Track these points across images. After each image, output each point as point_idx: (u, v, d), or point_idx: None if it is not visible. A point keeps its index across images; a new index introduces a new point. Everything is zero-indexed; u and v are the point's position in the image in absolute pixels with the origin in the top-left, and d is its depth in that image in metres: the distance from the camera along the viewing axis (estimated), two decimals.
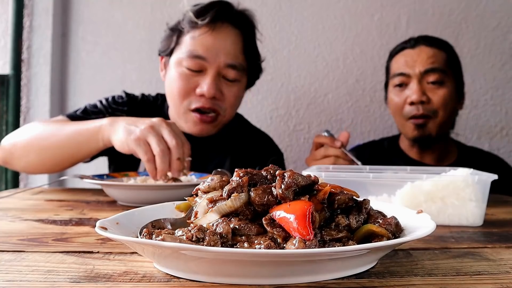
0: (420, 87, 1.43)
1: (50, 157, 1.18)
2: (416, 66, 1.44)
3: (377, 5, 2.00)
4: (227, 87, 1.29)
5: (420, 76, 1.44)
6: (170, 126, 1.04)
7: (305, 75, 2.01)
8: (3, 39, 1.90)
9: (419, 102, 1.43)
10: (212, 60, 1.25)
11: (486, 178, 0.80)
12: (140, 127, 1.02)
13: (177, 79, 1.27)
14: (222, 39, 1.27)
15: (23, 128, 1.27)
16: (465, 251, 0.61)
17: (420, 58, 1.45)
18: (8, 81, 1.85)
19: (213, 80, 1.25)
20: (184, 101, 1.27)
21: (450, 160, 1.57)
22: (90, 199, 1.08)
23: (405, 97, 1.47)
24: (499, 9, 2.01)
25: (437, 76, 1.43)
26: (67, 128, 1.16)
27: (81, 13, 1.98)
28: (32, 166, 1.23)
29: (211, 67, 1.25)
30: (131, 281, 0.47)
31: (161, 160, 0.98)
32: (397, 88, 1.50)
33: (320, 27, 2.00)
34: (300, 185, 0.51)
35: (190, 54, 1.25)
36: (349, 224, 0.52)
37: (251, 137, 1.49)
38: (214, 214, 0.52)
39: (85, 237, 0.68)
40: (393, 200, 0.83)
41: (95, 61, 1.98)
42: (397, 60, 1.52)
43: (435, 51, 1.46)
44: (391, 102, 1.53)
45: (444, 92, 1.44)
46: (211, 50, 1.25)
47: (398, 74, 1.48)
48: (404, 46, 1.52)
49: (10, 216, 0.84)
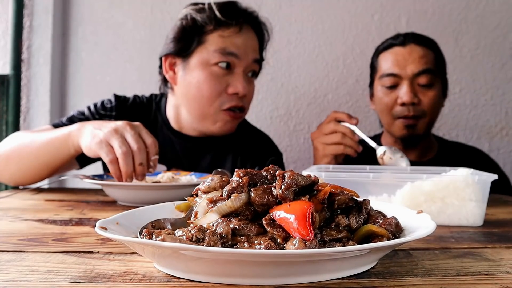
0: (412, 88, 1.42)
1: (28, 167, 1.17)
2: (408, 67, 1.43)
3: (377, 5, 2.00)
4: (250, 84, 1.34)
5: (412, 77, 1.43)
6: (134, 129, 1.02)
7: (305, 75, 2.01)
8: (3, 39, 1.90)
9: (410, 104, 1.42)
10: (243, 57, 1.28)
11: (486, 178, 0.80)
12: (104, 130, 1.00)
13: (206, 80, 1.26)
14: (249, 38, 1.31)
15: (6, 140, 1.25)
16: (465, 251, 0.61)
17: (412, 58, 1.43)
18: (8, 81, 1.85)
19: (244, 77, 1.29)
20: (215, 101, 1.28)
21: (431, 155, 1.58)
22: (90, 199, 1.08)
23: (395, 97, 1.45)
24: (499, 9, 2.01)
25: (428, 78, 1.43)
26: (42, 137, 1.14)
27: (81, 13, 1.98)
28: (14, 178, 1.22)
29: (240, 64, 1.28)
30: (131, 281, 0.47)
31: (124, 162, 0.97)
32: (386, 88, 1.47)
33: (320, 27, 2.00)
34: (300, 185, 0.51)
35: (222, 51, 1.26)
36: (349, 224, 0.52)
37: (250, 137, 1.48)
38: (214, 214, 0.52)
39: (85, 237, 0.68)
40: (393, 200, 0.83)
41: (95, 61, 1.98)
42: (385, 58, 1.49)
43: (426, 51, 1.45)
44: (380, 101, 1.50)
45: (433, 94, 1.45)
46: (242, 47, 1.28)
47: (388, 75, 1.46)
48: (393, 43, 1.49)
49: (10, 216, 0.84)
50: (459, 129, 2.01)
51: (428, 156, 1.57)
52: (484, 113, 2.01)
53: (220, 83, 1.27)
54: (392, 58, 1.47)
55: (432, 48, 1.48)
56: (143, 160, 0.99)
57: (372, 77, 1.57)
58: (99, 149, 1.00)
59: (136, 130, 1.02)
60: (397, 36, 1.50)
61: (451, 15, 2.01)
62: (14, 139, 1.22)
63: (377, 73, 1.52)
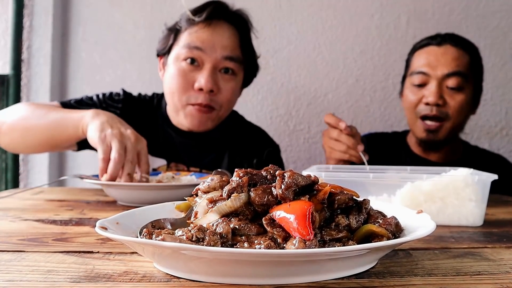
0: (439, 89, 1.40)
1: (33, 138, 1.22)
2: (439, 67, 1.41)
3: (377, 5, 2.00)
4: (224, 82, 1.31)
5: (441, 78, 1.41)
6: (137, 143, 1.05)
7: (305, 75, 2.01)
8: (3, 39, 1.90)
9: (434, 104, 1.40)
10: (209, 51, 1.28)
11: (486, 178, 0.80)
12: (112, 130, 1.04)
13: (175, 75, 1.30)
14: (218, 34, 1.30)
15: (13, 107, 1.31)
16: (465, 251, 0.61)
17: (444, 59, 1.41)
18: (8, 81, 1.85)
19: (210, 73, 1.27)
20: (183, 96, 1.30)
21: (454, 159, 1.55)
22: (90, 199, 1.08)
23: (421, 96, 1.44)
24: (499, 9, 2.01)
25: (457, 81, 1.40)
26: (54, 113, 1.20)
27: (81, 13, 1.98)
28: (14, 144, 1.29)
29: (208, 60, 1.28)
30: (131, 281, 0.47)
31: (113, 166, 1.00)
32: (414, 86, 1.46)
33: (320, 27, 2.00)
34: (300, 185, 0.51)
35: (187, 45, 1.28)
36: (349, 224, 0.52)
37: (246, 132, 1.51)
38: (214, 214, 0.52)
39: (85, 237, 0.68)
40: (393, 200, 0.83)
41: (95, 61, 1.98)
42: (419, 56, 1.48)
43: (460, 52, 1.42)
44: (406, 98, 1.50)
45: (462, 98, 1.41)
46: (208, 42, 1.28)
47: (418, 73, 1.44)
48: (429, 42, 1.47)
49: (10, 216, 0.84)
50: None
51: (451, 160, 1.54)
52: (484, 113, 2.01)
53: (187, 78, 1.29)
54: (425, 57, 1.45)
55: (469, 51, 1.45)
56: (132, 171, 1.03)
57: (405, 74, 1.56)
58: (99, 143, 1.03)
59: (138, 146, 1.06)
60: (436, 35, 1.48)
61: (451, 15, 2.01)
62: (22, 108, 1.27)
63: (409, 70, 1.52)
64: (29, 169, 1.93)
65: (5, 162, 1.87)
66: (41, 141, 1.22)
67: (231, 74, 1.33)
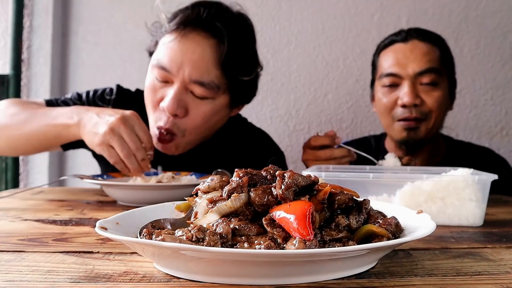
0: (413, 89, 1.31)
1: (21, 146, 1.21)
2: (409, 66, 1.32)
3: (377, 5, 2.00)
4: (195, 105, 1.14)
5: (414, 77, 1.32)
6: (129, 125, 1.02)
7: (305, 75, 2.00)
8: (3, 39, 1.90)
9: (412, 105, 1.32)
10: (175, 73, 1.11)
11: (486, 178, 0.80)
12: (101, 130, 1.02)
13: (147, 88, 1.19)
14: (189, 50, 1.11)
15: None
16: (465, 251, 0.61)
17: (413, 56, 1.32)
18: (8, 81, 1.85)
19: (176, 95, 1.11)
20: (153, 113, 1.18)
21: (438, 158, 1.48)
22: (90, 199, 1.08)
23: (395, 98, 1.35)
24: (499, 9, 2.01)
25: (431, 77, 1.32)
26: (37, 120, 1.13)
27: (81, 13, 1.98)
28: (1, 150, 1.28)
29: (176, 80, 1.12)
30: (131, 281, 0.47)
31: (129, 161, 1.01)
32: (386, 88, 1.37)
33: (320, 27, 2.00)
34: (300, 185, 0.51)
35: (156, 63, 1.15)
36: (349, 224, 0.52)
37: (248, 138, 1.44)
38: (214, 215, 0.52)
39: (85, 237, 0.68)
40: (393, 200, 0.83)
41: (95, 61, 1.98)
42: (386, 56, 1.38)
43: (429, 47, 1.34)
44: (379, 102, 1.40)
45: (439, 94, 1.34)
46: (175, 61, 1.11)
47: (388, 74, 1.35)
48: (394, 39, 1.38)
49: (10, 216, 0.84)
50: (459, 129, 2.01)
51: (436, 160, 1.46)
52: (484, 113, 2.01)
53: (156, 94, 1.15)
54: (392, 56, 1.36)
55: (438, 45, 1.37)
56: (144, 156, 1.03)
57: (373, 77, 1.47)
58: (102, 151, 1.04)
59: (130, 125, 1.03)
60: (400, 32, 1.39)
61: (451, 15, 2.01)
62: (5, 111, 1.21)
63: (377, 72, 1.43)
64: (29, 169, 1.93)
65: (5, 162, 1.87)
66: (31, 148, 1.22)
67: (204, 98, 1.14)
